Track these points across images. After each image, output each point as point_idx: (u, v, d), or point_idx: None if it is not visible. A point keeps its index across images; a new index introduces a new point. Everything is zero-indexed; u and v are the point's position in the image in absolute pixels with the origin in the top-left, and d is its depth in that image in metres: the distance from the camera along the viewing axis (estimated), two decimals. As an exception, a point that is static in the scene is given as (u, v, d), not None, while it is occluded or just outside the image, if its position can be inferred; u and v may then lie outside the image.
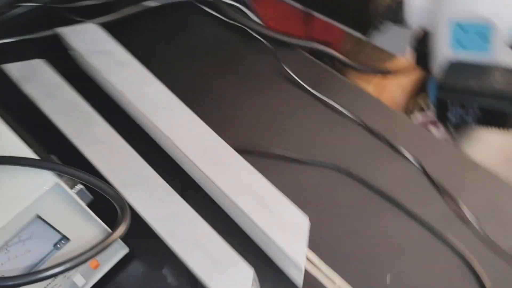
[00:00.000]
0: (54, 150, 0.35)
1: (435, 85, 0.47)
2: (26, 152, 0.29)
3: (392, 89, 0.72)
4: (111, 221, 0.34)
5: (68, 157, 0.35)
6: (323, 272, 0.34)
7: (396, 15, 0.47)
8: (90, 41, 0.44)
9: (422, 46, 0.56)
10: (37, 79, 0.41)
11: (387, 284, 0.37)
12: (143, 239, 0.35)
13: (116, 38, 0.45)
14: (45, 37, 0.48)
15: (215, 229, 0.34)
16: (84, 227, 0.32)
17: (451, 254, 0.38)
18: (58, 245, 0.32)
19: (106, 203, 0.34)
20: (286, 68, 0.48)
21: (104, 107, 0.41)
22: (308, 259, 0.33)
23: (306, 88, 0.47)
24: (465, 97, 0.44)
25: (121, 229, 0.27)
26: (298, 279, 0.34)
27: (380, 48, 0.58)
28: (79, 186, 0.32)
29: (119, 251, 0.36)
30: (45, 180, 0.28)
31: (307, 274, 0.34)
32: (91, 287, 0.35)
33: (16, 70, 0.42)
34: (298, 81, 0.48)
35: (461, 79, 0.45)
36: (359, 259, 0.37)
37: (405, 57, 0.60)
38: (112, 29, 0.49)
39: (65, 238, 0.32)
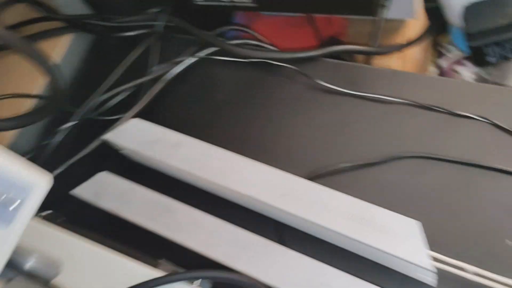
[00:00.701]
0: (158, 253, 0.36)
1: (461, 35, 0.46)
2: (149, 272, 0.30)
3: (414, 55, 0.71)
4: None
5: (170, 253, 0.36)
6: (451, 264, 0.34)
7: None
8: (137, 135, 0.45)
9: (431, 1, 0.56)
10: (108, 191, 0.43)
11: (510, 246, 0.36)
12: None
13: (152, 120, 0.46)
14: (94, 150, 0.50)
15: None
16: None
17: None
18: None
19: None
20: (319, 81, 0.49)
21: (175, 191, 0.43)
22: (433, 258, 0.33)
23: (347, 92, 0.48)
24: (497, 35, 0.44)
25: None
26: (431, 279, 0.34)
27: (391, 20, 0.58)
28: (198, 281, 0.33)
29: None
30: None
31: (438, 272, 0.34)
32: None
33: (85, 191, 0.44)
34: (336, 89, 0.48)
35: (486, 20, 0.45)
36: (478, 235, 0.37)
37: (417, 19, 0.60)
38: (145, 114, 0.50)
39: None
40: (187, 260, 0.36)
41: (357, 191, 0.38)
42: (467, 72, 0.77)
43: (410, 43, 0.55)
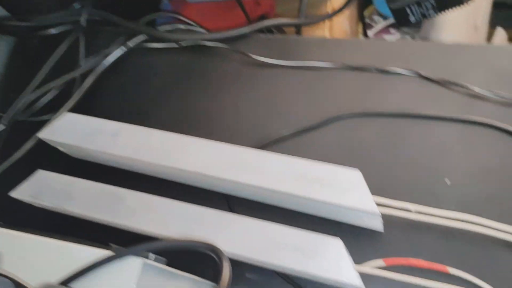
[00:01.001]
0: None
1: (383, 1, 0.48)
2: (99, 252, 0.30)
3: (341, 25, 0.73)
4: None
5: (122, 241, 0.35)
6: (394, 206, 0.35)
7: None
8: (73, 130, 0.44)
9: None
10: (49, 189, 0.41)
11: (448, 185, 0.39)
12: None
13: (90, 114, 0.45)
14: (29, 150, 0.47)
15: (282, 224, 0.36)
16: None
17: (484, 130, 0.40)
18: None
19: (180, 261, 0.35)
20: (253, 56, 0.49)
21: (120, 181, 0.42)
22: (377, 203, 0.34)
23: (281, 64, 0.48)
24: (416, -5, 0.46)
25: (226, 274, 0.28)
26: (377, 224, 0.36)
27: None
28: (154, 256, 0.33)
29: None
30: (132, 267, 0.29)
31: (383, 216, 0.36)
32: None
33: (23, 192, 0.42)
34: (271, 62, 0.49)
35: (403, -18, 0.47)
36: (418, 178, 0.39)
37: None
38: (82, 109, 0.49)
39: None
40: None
41: (301, 155, 0.38)
42: (394, 39, 0.81)
43: (335, 12, 0.57)
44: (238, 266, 0.38)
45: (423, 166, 0.40)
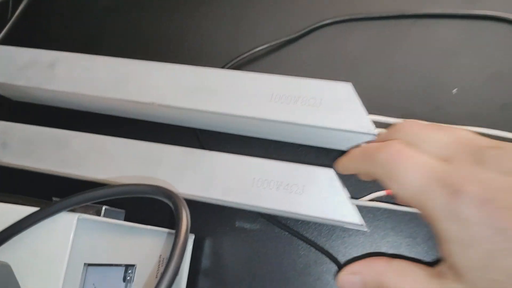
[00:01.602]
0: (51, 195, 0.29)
1: None
2: (29, 210, 0.23)
3: None
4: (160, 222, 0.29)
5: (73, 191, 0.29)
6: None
7: None
8: (3, 65, 0.36)
9: None
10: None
11: (455, 95, 0.33)
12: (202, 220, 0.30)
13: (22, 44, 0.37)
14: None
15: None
16: (141, 244, 0.28)
17: (494, 26, 0.34)
18: (128, 277, 0.27)
19: (138, 209, 0.29)
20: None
21: (64, 123, 0.35)
22: (374, 121, 0.28)
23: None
24: None
25: (184, 220, 0.22)
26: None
27: None
28: (103, 208, 0.27)
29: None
30: (65, 225, 0.23)
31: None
32: None
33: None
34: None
35: None
36: (420, 90, 0.33)
37: None
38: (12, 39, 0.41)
39: (129, 266, 0.27)
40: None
41: (280, 72, 0.32)
42: None
43: None
44: (227, 214, 0.33)
45: (424, 75, 0.34)
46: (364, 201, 0.28)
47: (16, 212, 0.24)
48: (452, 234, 0.20)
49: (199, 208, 0.31)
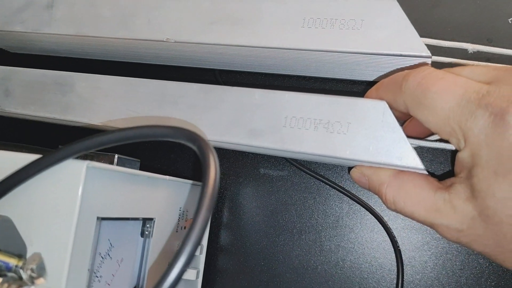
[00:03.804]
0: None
1: None
2: (30, 158, 0.20)
3: None
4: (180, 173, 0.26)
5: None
6: (448, 46, 0.25)
7: None
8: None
9: None
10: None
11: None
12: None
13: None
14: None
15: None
16: (159, 196, 0.24)
17: None
18: (146, 231, 0.24)
19: (153, 159, 0.25)
20: None
21: (66, 70, 0.31)
22: (427, 45, 0.24)
23: None
24: None
25: (213, 166, 0.18)
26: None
27: None
28: (116, 156, 0.24)
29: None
30: (72, 174, 0.19)
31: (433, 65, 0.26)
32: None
33: None
34: None
35: None
36: (468, 16, 0.29)
37: None
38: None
39: (147, 220, 0.24)
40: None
41: None
42: None
43: None
44: (251, 160, 0.29)
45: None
46: (429, 141, 0.23)
47: (15, 160, 0.20)
48: (487, 159, 0.17)
49: (220, 155, 0.28)
